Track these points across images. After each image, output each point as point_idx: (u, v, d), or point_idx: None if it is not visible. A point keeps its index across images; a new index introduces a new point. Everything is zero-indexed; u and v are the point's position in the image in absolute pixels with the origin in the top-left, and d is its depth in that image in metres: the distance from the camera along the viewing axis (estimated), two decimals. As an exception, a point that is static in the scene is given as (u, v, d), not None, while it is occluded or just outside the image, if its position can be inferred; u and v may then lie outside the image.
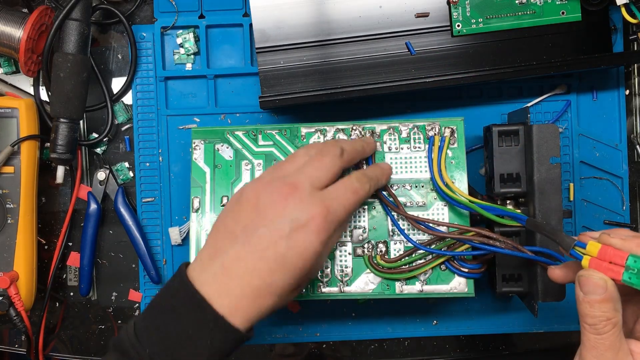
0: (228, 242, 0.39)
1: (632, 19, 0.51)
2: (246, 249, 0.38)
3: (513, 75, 0.52)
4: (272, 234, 0.38)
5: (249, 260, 0.38)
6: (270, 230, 0.38)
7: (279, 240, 0.38)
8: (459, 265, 0.48)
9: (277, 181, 0.40)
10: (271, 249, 0.38)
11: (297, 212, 0.39)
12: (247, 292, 0.38)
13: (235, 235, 0.39)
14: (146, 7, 0.58)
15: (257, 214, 0.39)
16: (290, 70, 0.53)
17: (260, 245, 0.38)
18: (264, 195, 0.40)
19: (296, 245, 0.38)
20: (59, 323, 0.59)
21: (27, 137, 0.54)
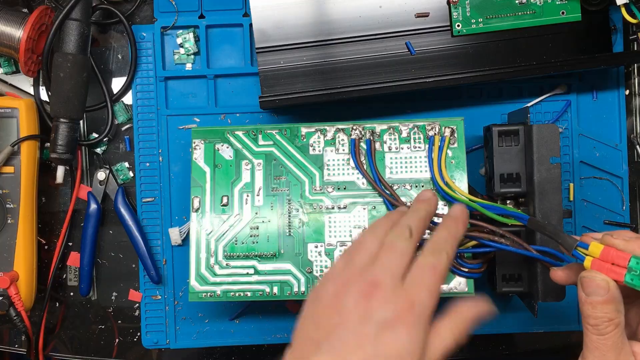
0: (312, 351, 0.35)
1: (632, 19, 0.51)
2: (333, 357, 0.34)
3: (513, 75, 0.52)
4: (358, 339, 0.34)
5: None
6: (355, 334, 0.34)
7: (366, 344, 0.34)
8: (459, 265, 0.48)
9: (355, 279, 0.37)
10: (358, 355, 0.34)
11: (382, 311, 0.35)
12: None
13: (318, 343, 0.35)
14: (146, 7, 0.58)
15: (340, 319, 0.35)
16: (290, 70, 0.53)
17: (346, 351, 0.34)
18: (343, 298, 0.36)
19: (386, 348, 0.34)
20: (59, 323, 0.59)
21: (27, 137, 0.54)
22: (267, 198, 0.50)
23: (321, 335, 0.36)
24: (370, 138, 0.50)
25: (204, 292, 0.50)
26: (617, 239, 0.35)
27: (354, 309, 0.35)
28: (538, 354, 0.59)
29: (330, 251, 0.49)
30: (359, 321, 0.35)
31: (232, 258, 0.50)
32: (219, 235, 0.50)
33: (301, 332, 0.37)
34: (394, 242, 0.38)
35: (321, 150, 0.51)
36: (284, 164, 0.51)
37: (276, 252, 0.50)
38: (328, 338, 0.35)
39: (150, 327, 0.57)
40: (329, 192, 0.50)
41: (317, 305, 0.37)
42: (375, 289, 0.36)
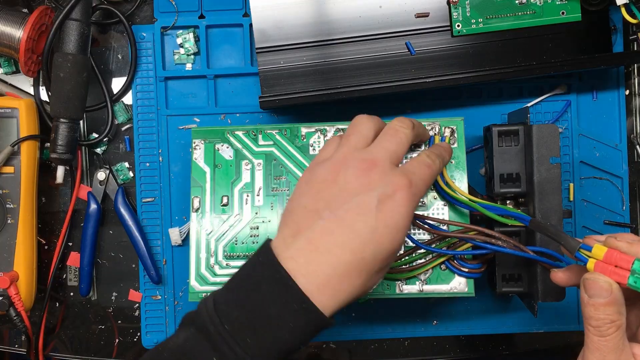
0: (311, 219, 0.38)
1: (632, 19, 0.51)
2: (334, 223, 0.37)
3: (513, 75, 0.52)
4: (360, 207, 0.37)
5: (338, 233, 0.36)
6: (357, 203, 0.37)
7: (368, 212, 0.37)
8: (459, 265, 0.48)
9: (353, 157, 0.39)
10: (361, 221, 0.36)
11: (382, 185, 0.37)
12: (337, 268, 0.36)
13: (318, 212, 0.38)
14: (146, 7, 0.58)
15: (340, 190, 0.38)
16: (290, 70, 0.53)
17: (348, 219, 0.37)
18: (343, 172, 0.39)
19: (386, 217, 0.37)
20: (59, 323, 0.59)
21: (27, 137, 0.54)
22: (267, 198, 0.50)
23: (320, 205, 0.38)
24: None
25: (204, 292, 0.50)
26: (620, 241, 0.36)
27: (355, 181, 0.38)
28: (538, 354, 0.59)
29: (330, 251, 0.49)
30: (360, 191, 0.37)
31: (232, 258, 0.50)
32: (219, 235, 0.50)
33: (297, 207, 0.39)
34: (397, 128, 0.42)
35: (321, 150, 0.51)
36: (284, 164, 0.51)
37: (276, 252, 0.50)
38: (329, 207, 0.38)
39: (150, 327, 0.57)
40: (329, 192, 0.50)
41: (313, 181, 0.40)
42: (373, 165, 0.39)
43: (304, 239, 0.37)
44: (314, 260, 0.36)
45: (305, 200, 0.39)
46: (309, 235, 0.37)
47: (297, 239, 0.37)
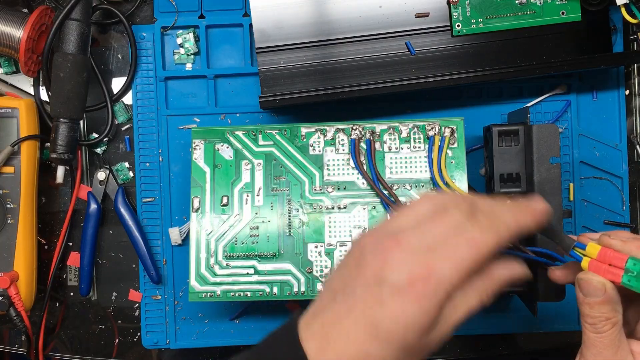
0: (328, 300, 0.35)
1: (632, 19, 0.51)
2: (343, 310, 0.33)
3: (513, 75, 0.52)
4: (368, 298, 0.33)
5: (345, 323, 0.33)
6: (366, 292, 0.33)
7: (373, 305, 0.32)
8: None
9: (384, 234, 0.34)
10: (366, 314, 0.32)
11: (396, 273, 0.32)
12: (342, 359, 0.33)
13: (335, 293, 0.34)
14: (146, 7, 0.58)
15: (358, 271, 0.34)
16: (290, 70, 0.53)
17: (356, 308, 0.33)
18: (367, 249, 0.34)
19: (390, 315, 0.32)
20: (59, 323, 0.59)
21: (27, 137, 0.54)
22: (267, 198, 0.50)
23: (340, 287, 0.34)
24: (370, 138, 0.50)
25: (204, 292, 0.50)
26: (614, 239, 0.35)
27: (372, 263, 0.33)
28: (538, 354, 0.59)
29: (330, 251, 0.49)
30: (372, 278, 0.33)
31: (232, 258, 0.50)
32: (219, 235, 0.50)
33: (328, 283, 0.36)
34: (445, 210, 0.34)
35: (321, 150, 0.51)
36: (284, 164, 0.51)
37: (276, 252, 0.50)
38: (344, 290, 0.34)
39: (150, 327, 0.57)
40: (329, 192, 0.50)
41: (347, 258, 0.36)
42: (396, 246, 0.33)
43: (319, 323, 0.34)
44: (322, 348, 0.33)
45: (335, 274, 0.36)
46: (323, 319, 0.34)
47: (315, 319, 0.34)
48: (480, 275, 0.34)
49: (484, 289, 0.35)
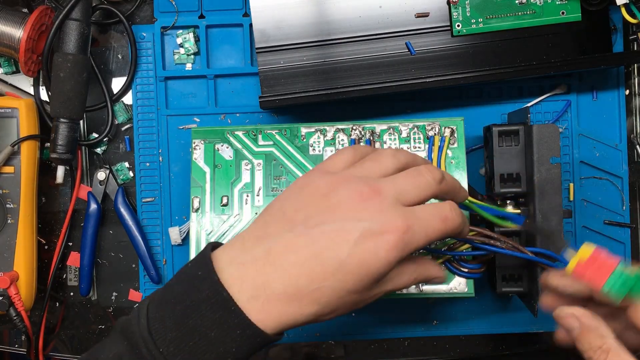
0: (281, 228, 0.34)
1: (632, 19, 0.51)
2: (302, 241, 0.33)
3: (513, 75, 0.52)
4: (337, 235, 0.33)
5: (302, 254, 0.33)
6: (336, 229, 0.33)
7: (342, 243, 0.33)
8: (459, 265, 0.48)
9: (358, 180, 0.35)
10: (331, 250, 0.33)
11: (373, 219, 0.33)
12: (288, 290, 0.33)
13: (293, 223, 0.34)
14: (146, 7, 0.58)
15: (327, 207, 0.34)
16: (290, 70, 0.53)
17: (320, 242, 0.33)
18: (340, 190, 0.34)
19: (360, 255, 0.33)
20: (59, 323, 0.59)
21: (27, 137, 0.54)
22: (267, 198, 0.50)
23: (299, 218, 0.34)
24: (370, 138, 0.50)
25: (204, 292, 0.50)
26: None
27: (345, 204, 0.34)
28: (538, 354, 0.59)
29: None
30: (346, 217, 0.33)
31: (232, 258, 0.50)
32: (219, 235, 0.50)
33: (276, 211, 0.36)
34: (420, 174, 0.36)
35: (321, 151, 0.51)
36: (284, 164, 0.51)
37: (276, 252, 0.50)
38: (306, 222, 0.34)
39: (150, 327, 0.57)
40: (329, 192, 0.50)
41: (305, 188, 0.36)
42: (375, 195, 0.34)
43: (263, 248, 0.34)
44: (264, 276, 0.33)
45: (287, 205, 0.36)
46: (271, 245, 0.34)
47: (257, 245, 0.34)
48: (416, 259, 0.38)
49: (421, 270, 0.38)
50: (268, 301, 0.33)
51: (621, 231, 0.56)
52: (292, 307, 0.33)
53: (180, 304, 0.33)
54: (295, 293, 0.33)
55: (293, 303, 0.33)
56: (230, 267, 0.34)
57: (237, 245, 0.35)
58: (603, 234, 0.56)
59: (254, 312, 0.33)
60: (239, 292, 0.33)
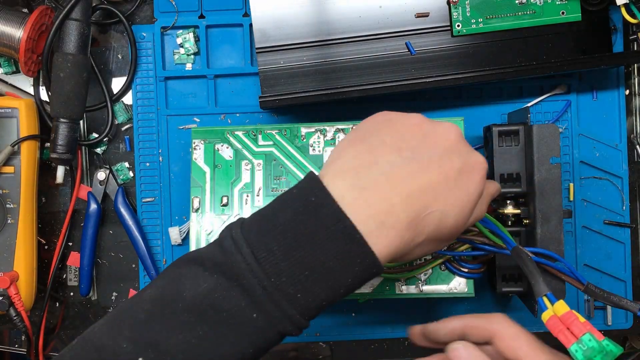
0: (389, 154, 0.34)
1: (632, 19, 0.51)
2: (416, 167, 0.33)
3: (513, 75, 0.52)
4: (444, 162, 0.34)
5: (420, 180, 0.33)
6: (442, 157, 0.34)
7: (450, 171, 0.34)
8: (459, 266, 0.48)
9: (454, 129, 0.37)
10: (441, 174, 0.33)
11: (467, 155, 0.35)
12: (410, 217, 0.32)
13: (400, 150, 0.34)
14: (146, 7, 0.58)
15: (424, 137, 0.35)
16: (290, 70, 0.53)
17: (431, 170, 0.33)
18: (432, 125, 0.36)
19: (464, 185, 0.34)
20: (59, 323, 0.59)
21: (27, 137, 0.54)
22: (267, 198, 0.50)
23: (403, 145, 0.34)
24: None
25: (204, 292, 0.50)
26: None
27: (441, 136, 0.35)
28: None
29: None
30: (446, 148, 0.35)
31: (232, 258, 0.50)
32: (219, 235, 0.50)
33: (373, 139, 0.35)
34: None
35: (321, 151, 0.51)
36: (283, 164, 0.51)
37: (276, 252, 0.50)
38: (413, 150, 0.34)
39: (150, 327, 0.57)
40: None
41: (395, 122, 0.36)
42: (461, 139, 0.36)
43: (381, 173, 0.32)
44: (389, 199, 0.32)
45: (384, 135, 0.35)
46: (389, 170, 0.33)
47: (373, 170, 0.33)
48: None
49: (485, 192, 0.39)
50: (393, 228, 0.32)
51: (621, 231, 0.56)
52: (408, 235, 0.33)
53: (290, 231, 0.31)
54: (414, 220, 0.32)
55: (409, 231, 0.32)
56: (352, 192, 0.32)
57: (350, 171, 0.33)
58: (603, 234, 0.56)
59: (377, 241, 0.31)
60: (365, 220, 0.31)
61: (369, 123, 0.37)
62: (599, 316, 0.56)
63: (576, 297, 0.56)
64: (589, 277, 0.56)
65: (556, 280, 0.45)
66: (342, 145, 0.36)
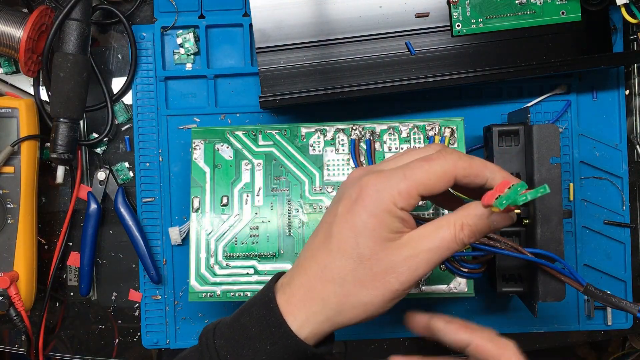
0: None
1: (632, 19, 0.51)
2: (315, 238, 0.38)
3: (513, 75, 0.52)
4: (327, 216, 0.37)
5: (309, 247, 0.38)
6: (328, 212, 0.37)
7: (329, 217, 0.37)
8: (459, 265, 0.48)
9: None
10: (323, 229, 0.37)
11: (352, 187, 0.36)
12: (307, 283, 0.36)
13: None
14: (146, 7, 0.58)
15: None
16: (290, 70, 0.53)
17: (317, 231, 0.38)
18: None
19: (340, 220, 0.36)
20: (59, 323, 0.59)
21: (27, 137, 0.54)
22: (267, 198, 0.50)
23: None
24: (370, 138, 0.50)
25: (204, 292, 0.50)
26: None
27: (340, 190, 0.38)
28: (538, 354, 0.59)
29: (330, 251, 0.49)
30: (338, 203, 0.37)
31: (232, 258, 0.50)
32: (219, 235, 0.50)
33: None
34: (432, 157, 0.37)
35: (321, 151, 0.51)
36: (283, 164, 0.51)
37: (276, 252, 0.50)
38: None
39: (150, 327, 0.57)
40: (329, 192, 0.50)
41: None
42: (369, 172, 0.37)
43: (297, 261, 0.38)
44: (294, 278, 0.37)
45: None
46: (300, 255, 0.38)
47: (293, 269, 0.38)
48: None
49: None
50: (296, 302, 0.37)
51: (621, 231, 0.56)
52: (313, 299, 0.36)
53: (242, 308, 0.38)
54: (312, 283, 0.37)
55: (313, 294, 0.36)
56: (278, 283, 0.38)
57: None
58: (603, 234, 0.56)
59: (287, 313, 0.36)
60: (279, 300, 0.37)
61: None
62: (599, 316, 0.56)
63: (576, 297, 0.56)
64: (589, 277, 0.56)
65: (556, 281, 0.45)
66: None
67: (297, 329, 0.35)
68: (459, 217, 0.35)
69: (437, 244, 0.35)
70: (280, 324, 0.35)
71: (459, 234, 0.35)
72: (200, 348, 0.37)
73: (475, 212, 0.35)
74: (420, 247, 0.35)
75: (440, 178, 0.35)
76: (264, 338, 0.35)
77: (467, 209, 0.36)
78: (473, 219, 0.35)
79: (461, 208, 0.36)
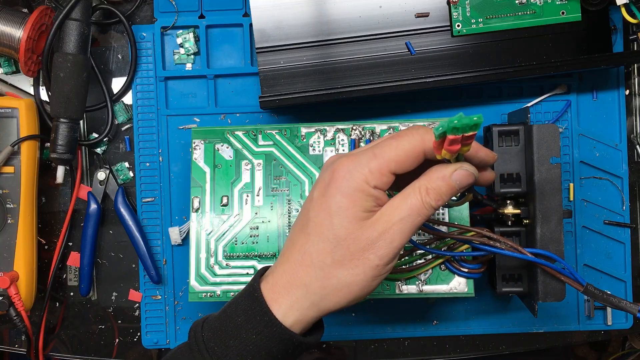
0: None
1: (632, 19, 0.51)
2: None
3: (513, 75, 0.52)
4: (305, 202, 0.39)
5: (290, 235, 0.39)
6: (306, 199, 0.39)
7: (306, 203, 0.39)
8: (458, 266, 0.48)
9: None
10: (301, 215, 0.39)
11: (327, 172, 0.37)
12: (287, 271, 0.37)
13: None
14: (146, 7, 0.58)
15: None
16: (290, 70, 0.53)
17: (297, 218, 0.39)
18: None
19: (315, 204, 0.37)
20: (59, 323, 0.59)
21: (27, 137, 0.54)
22: (267, 198, 0.50)
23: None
24: (370, 138, 0.50)
25: (204, 292, 0.50)
26: None
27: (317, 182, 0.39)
28: (538, 354, 0.59)
29: (330, 251, 0.49)
30: (314, 189, 0.39)
31: (232, 258, 0.50)
32: (219, 235, 0.50)
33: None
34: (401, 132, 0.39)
35: (321, 151, 0.51)
36: (283, 164, 0.51)
37: (276, 252, 0.50)
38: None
39: (150, 327, 0.57)
40: (329, 192, 0.50)
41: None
42: (352, 155, 0.38)
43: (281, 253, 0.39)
44: (277, 266, 0.38)
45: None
46: (284, 244, 0.40)
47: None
48: None
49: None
50: (279, 291, 0.38)
51: (621, 231, 0.56)
52: (294, 286, 0.37)
53: (230, 301, 0.39)
54: (292, 269, 0.38)
55: (294, 281, 0.38)
56: (264, 276, 0.40)
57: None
58: (603, 234, 0.56)
59: (271, 301, 0.38)
60: (263, 290, 0.38)
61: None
62: (599, 316, 0.56)
63: (576, 297, 0.56)
64: (589, 277, 0.56)
65: (556, 281, 0.45)
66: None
67: (281, 316, 0.36)
68: (422, 182, 0.36)
69: (407, 213, 0.36)
70: (264, 312, 0.36)
71: (426, 198, 0.36)
72: (189, 342, 0.38)
73: (437, 175, 0.36)
74: (393, 219, 0.36)
75: (409, 153, 0.36)
76: (250, 327, 0.36)
77: (429, 174, 0.37)
78: (436, 181, 0.36)
79: (424, 174, 0.37)
